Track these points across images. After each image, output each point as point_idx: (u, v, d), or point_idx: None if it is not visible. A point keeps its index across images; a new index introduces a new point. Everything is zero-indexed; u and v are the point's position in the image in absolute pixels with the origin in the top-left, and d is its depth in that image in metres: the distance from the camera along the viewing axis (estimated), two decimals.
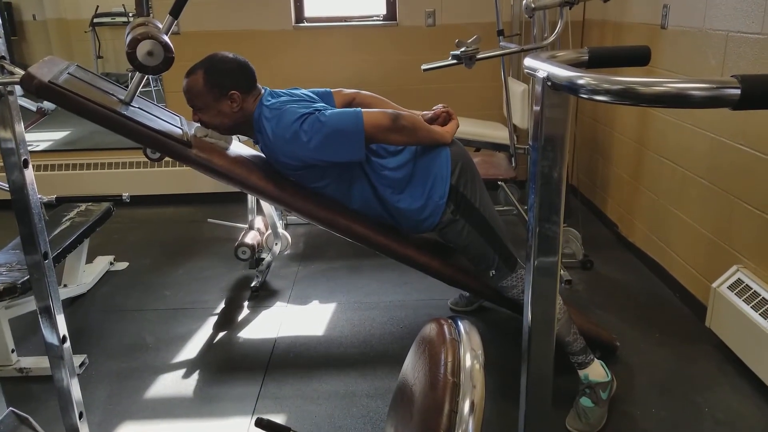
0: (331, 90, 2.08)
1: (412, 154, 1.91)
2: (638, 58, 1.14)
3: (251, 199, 3.01)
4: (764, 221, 2.05)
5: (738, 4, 2.12)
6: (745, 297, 2.06)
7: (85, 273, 2.76)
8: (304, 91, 2.00)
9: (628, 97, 0.67)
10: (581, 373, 1.90)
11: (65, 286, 2.64)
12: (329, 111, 1.82)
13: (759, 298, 2.01)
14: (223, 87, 1.86)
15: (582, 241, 2.94)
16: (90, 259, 2.89)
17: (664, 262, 2.76)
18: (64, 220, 2.61)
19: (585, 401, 1.88)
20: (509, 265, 1.92)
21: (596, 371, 1.90)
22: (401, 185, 1.89)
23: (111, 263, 3.03)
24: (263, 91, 1.95)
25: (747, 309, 2.02)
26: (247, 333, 2.46)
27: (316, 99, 1.97)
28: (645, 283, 2.79)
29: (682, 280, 2.60)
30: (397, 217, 1.94)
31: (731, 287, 2.13)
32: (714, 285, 2.21)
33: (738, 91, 0.61)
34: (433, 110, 2.03)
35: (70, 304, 2.68)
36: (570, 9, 2.80)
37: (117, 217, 2.95)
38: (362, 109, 1.82)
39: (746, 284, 2.08)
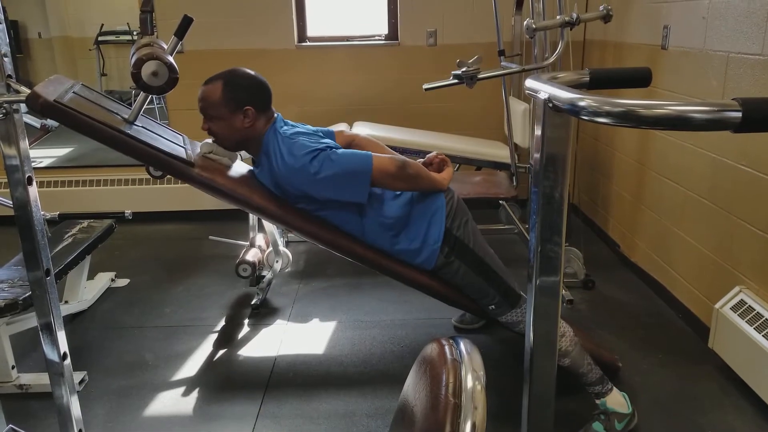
0: (333, 130, 2.10)
1: (409, 197, 1.95)
2: (639, 79, 1.16)
3: (252, 216, 3.01)
4: (766, 242, 2.05)
5: (738, 25, 2.15)
6: (748, 318, 2.05)
7: (86, 289, 2.76)
8: (310, 127, 2.03)
9: (630, 119, 0.67)
10: (599, 401, 1.88)
11: (66, 302, 2.64)
12: (340, 150, 1.85)
13: (762, 320, 2.00)
14: (240, 101, 1.87)
15: (583, 261, 2.93)
16: (91, 276, 2.89)
17: (666, 282, 2.75)
18: (66, 236, 2.61)
19: (597, 426, 1.86)
20: (510, 301, 1.93)
21: (615, 400, 1.88)
22: (398, 227, 1.93)
23: (112, 280, 3.03)
24: (276, 115, 1.96)
25: (750, 330, 2.01)
26: (247, 351, 2.45)
27: (322, 136, 1.98)
28: (647, 303, 2.78)
29: (685, 301, 2.59)
30: (393, 256, 1.97)
31: (734, 308, 2.12)
32: (717, 306, 2.20)
33: (739, 114, 0.61)
34: (428, 156, 2.05)
35: (70, 321, 2.68)
36: (571, 30, 2.84)
37: (119, 233, 2.95)
38: (373, 153, 1.84)
39: (749, 305, 2.07)
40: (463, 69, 3.14)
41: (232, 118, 1.87)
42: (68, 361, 1.46)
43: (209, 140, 1.99)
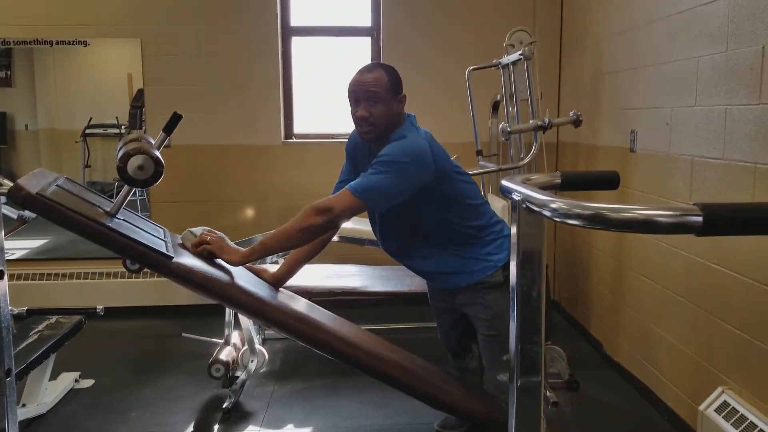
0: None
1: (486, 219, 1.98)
2: (608, 182, 1.20)
3: (229, 312, 2.95)
4: (745, 341, 2.05)
5: (699, 131, 2.28)
6: (732, 420, 2.00)
7: (47, 391, 2.61)
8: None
9: (599, 222, 0.70)
10: None
11: (24, 405, 2.48)
12: (410, 170, 1.85)
13: (747, 422, 1.96)
14: (399, 87, 1.93)
15: (567, 360, 2.89)
16: (54, 376, 2.75)
17: (650, 383, 2.71)
18: (32, 332, 2.52)
19: None
20: None
21: None
22: (483, 232, 1.94)
23: (76, 380, 2.87)
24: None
25: None
26: None
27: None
28: (632, 405, 2.71)
29: (669, 402, 2.53)
30: (453, 256, 1.95)
31: (718, 410, 2.08)
32: (701, 407, 2.16)
33: (700, 219, 0.64)
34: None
35: (27, 426, 2.50)
36: (543, 133, 2.98)
37: (88, 329, 2.85)
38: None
39: (732, 407, 2.04)
40: None
41: (392, 102, 1.89)
42: None
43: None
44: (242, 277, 1.98)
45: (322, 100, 4.21)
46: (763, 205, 0.68)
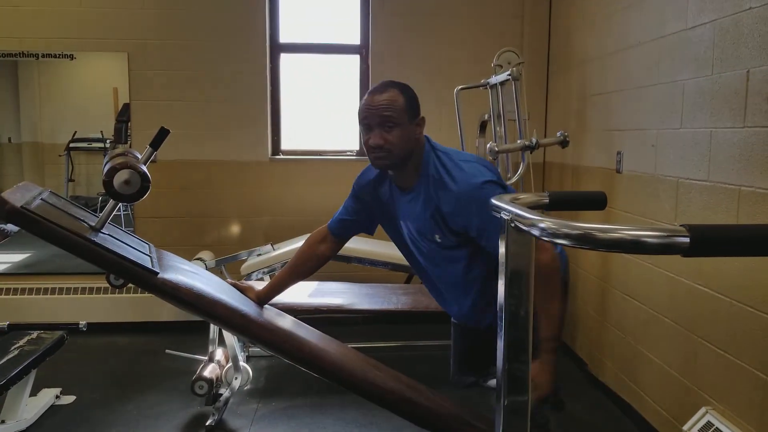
0: None
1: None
2: (595, 202, 1.22)
3: (213, 329, 2.92)
4: (728, 362, 2.06)
5: (685, 153, 2.31)
6: None
7: (27, 407, 2.56)
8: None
9: (587, 241, 0.70)
10: None
11: (3, 422, 2.43)
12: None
13: None
14: (416, 110, 1.72)
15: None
16: (34, 392, 2.69)
17: (634, 402, 2.71)
18: (13, 348, 2.47)
19: None
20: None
21: None
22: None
23: (57, 396, 2.81)
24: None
25: None
26: None
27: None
28: (617, 425, 2.71)
29: (654, 422, 2.54)
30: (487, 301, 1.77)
31: (701, 430, 2.09)
32: (684, 428, 2.16)
33: (687, 240, 0.65)
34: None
35: None
36: (531, 153, 3.01)
37: (70, 345, 2.80)
38: None
39: (716, 427, 2.04)
40: None
41: (409, 126, 1.69)
42: None
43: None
44: (228, 294, 1.96)
45: (310, 117, 4.23)
46: (749, 227, 0.70)
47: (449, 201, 1.63)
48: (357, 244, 3.49)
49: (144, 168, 1.79)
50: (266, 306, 2.09)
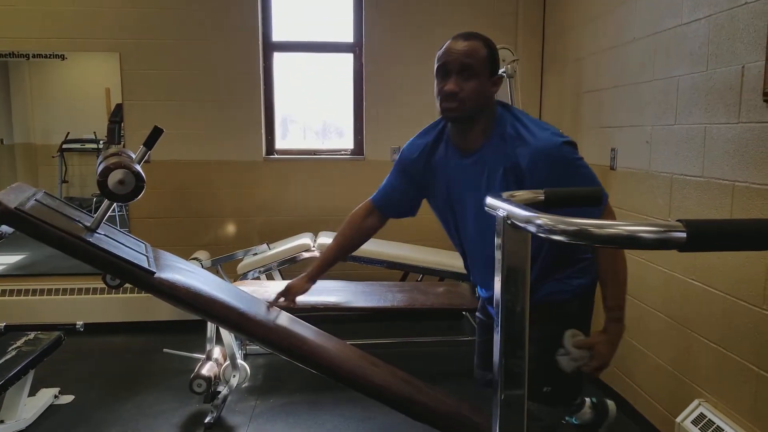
0: None
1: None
2: (589, 198, 1.23)
3: (211, 327, 2.92)
4: (720, 354, 2.08)
5: (679, 150, 2.33)
6: None
7: (26, 407, 2.56)
8: None
9: (583, 237, 0.71)
10: None
11: (2, 422, 2.44)
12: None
13: None
14: (496, 67, 1.62)
15: None
16: (33, 392, 2.69)
17: (628, 396, 2.73)
18: (10, 348, 2.47)
19: None
20: (565, 400, 1.79)
21: None
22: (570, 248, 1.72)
23: (56, 396, 2.82)
24: None
25: None
26: None
27: None
28: None
29: (647, 415, 2.56)
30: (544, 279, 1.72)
31: (695, 422, 2.11)
32: (678, 420, 2.18)
33: (684, 235, 0.66)
34: None
35: None
36: None
37: (67, 345, 2.80)
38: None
39: (709, 419, 2.07)
40: None
41: (487, 81, 1.59)
42: None
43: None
44: (225, 292, 1.96)
45: (303, 116, 4.23)
46: (744, 222, 0.71)
47: (528, 155, 1.55)
48: (369, 246, 3.50)
49: (138, 167, 1.79)
50: (265, 304, 2.10)
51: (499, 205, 0.95)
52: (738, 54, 1.99)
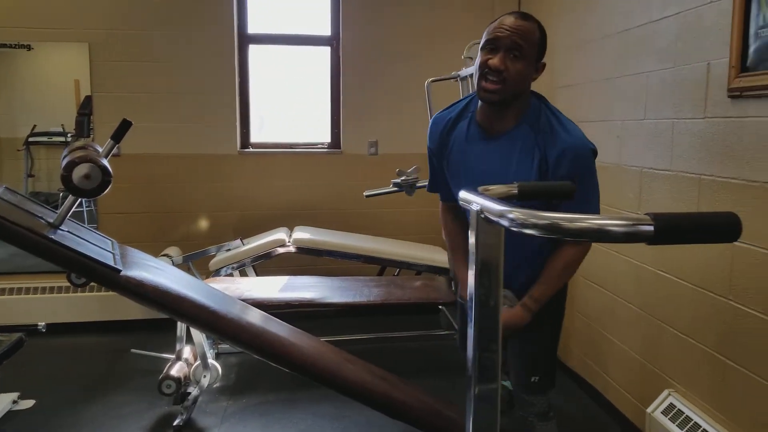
0: None
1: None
2: (563, 193, 1.23)
3: (181, 326, 2.87)
4: (690, 345, 2.12)
5: (648, 144, 2.36)
6: (678, 422, 2.07)
7: None
8: None
9: (554, 231, 0.71)
10: None
11: None
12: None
13: (691, 423, 2.03)
14: (543, 53, 1.60)
15: None
16: None
17: (600, 386, 2.77)
18: None
19: None
20: (553, 382, 1.83)
21: None
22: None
23: (14, 401, 2.71)
24: None
25: None
26: None
27: None
28: (583, 409, 2.77)
29: (619, 405, 2.60)
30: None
31: (664, 412, 2.15)
32: (648, 410, 2.22)
33: (651, 228, 0.66)
34: None
35: None
36: None
37: (29, 347, 2.69)
38: None
39: (678, 409, 2.11)
40: (403, 178, 3.26)
41: (532, 66, 1.57)
42: None
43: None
44: (196, 290, 1.93)
45: (280, 109, 4.18)
46: (710, 215, 0.71)
47: (559, 150, 1.55)
48: (328, 237, 3.47)
49: (105, 162, 1.74)
50: (236, 301, 2.07)
51: (473, 200, 0.95)
52: (705, 51, 2.02)
